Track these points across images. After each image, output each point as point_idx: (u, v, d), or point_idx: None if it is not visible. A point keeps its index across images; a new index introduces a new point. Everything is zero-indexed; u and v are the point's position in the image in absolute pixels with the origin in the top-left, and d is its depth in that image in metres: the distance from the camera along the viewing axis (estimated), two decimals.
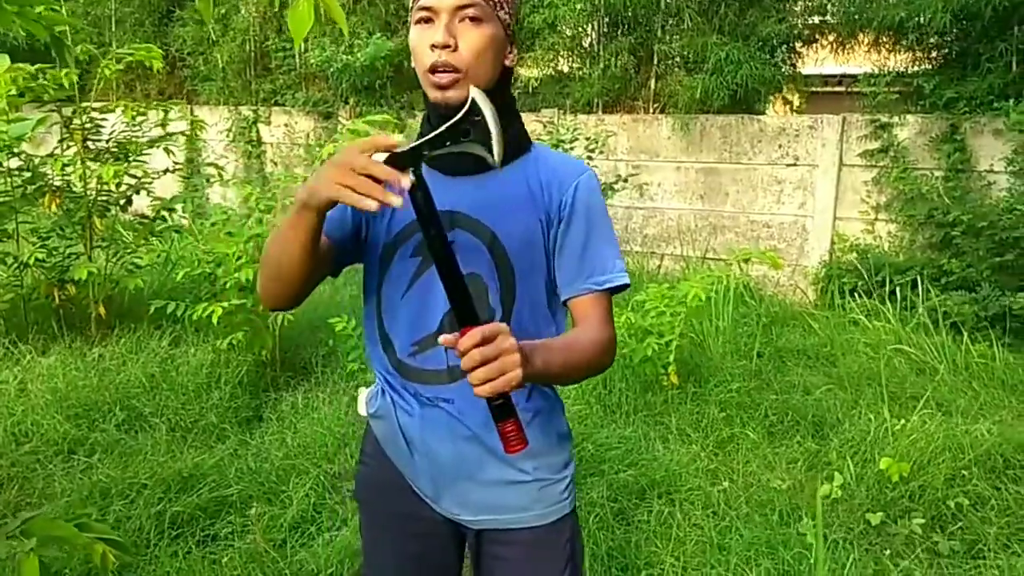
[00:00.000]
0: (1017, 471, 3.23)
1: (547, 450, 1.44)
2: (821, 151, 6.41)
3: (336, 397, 3.94)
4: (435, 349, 1.38)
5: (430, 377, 1.39)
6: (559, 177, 1.39)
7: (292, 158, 8.68)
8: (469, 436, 1.39)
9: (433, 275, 1.32)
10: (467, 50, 1.27)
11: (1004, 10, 5.72)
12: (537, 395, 1.44)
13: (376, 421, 1.51)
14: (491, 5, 1.29)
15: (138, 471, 3.22)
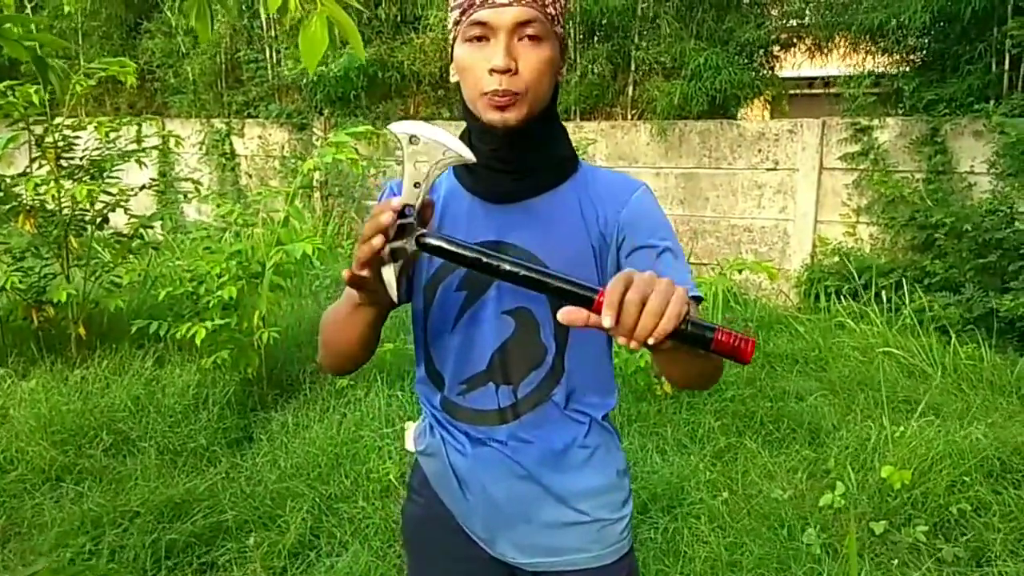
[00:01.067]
0: (1016, 476, 3.23)
1: (606, 488, 1.37)
2: (801, 155, 6.42)
3: (327, 415, 3.86)
4: (484, 389, 1.33)
5: (480, 418, 1.34)
6: (611, 197, 1.30)
7: (267, 170, 8.57)
8: (524, 476, 1.33)
9: (480, 311, 1.30)
10: (528, 73, 1.18)
11: (983, 11, 5.77)
12: (596, 430, 1.36)
13: (426, 458, 1.44)
14: (550, 20, 1.20)
15: (129, 498, 3.14)
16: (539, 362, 1.31)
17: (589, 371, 1.34)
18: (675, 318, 0.89)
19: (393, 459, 3.38)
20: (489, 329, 1.30)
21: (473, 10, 1.17)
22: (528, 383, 1.31)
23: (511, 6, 1.16)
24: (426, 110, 7.97)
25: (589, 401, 1.35)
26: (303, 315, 5.12)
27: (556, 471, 1.33)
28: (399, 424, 3.64)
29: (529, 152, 1.26)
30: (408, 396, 3.92)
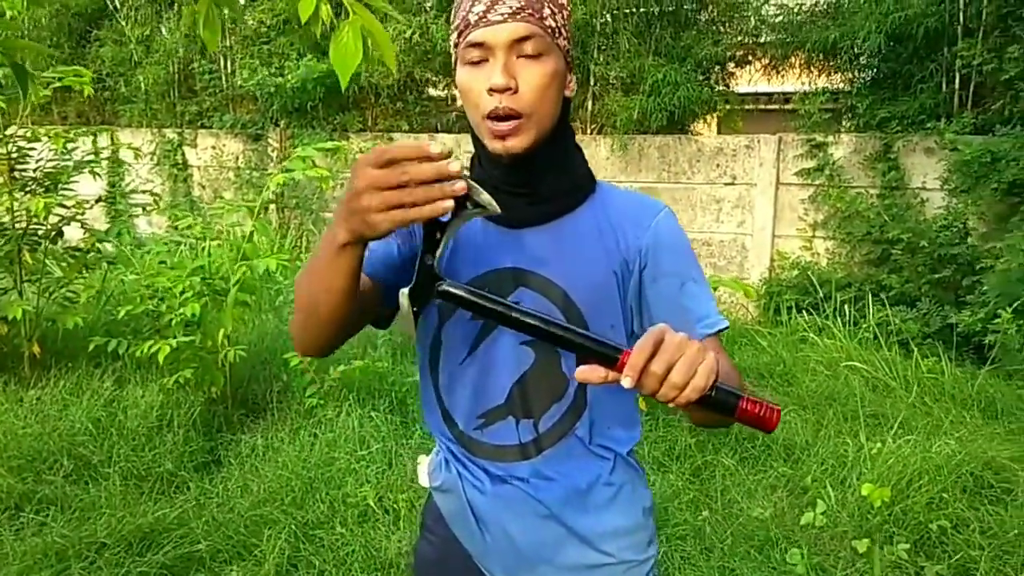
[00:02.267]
0: (992, 491, 3.29)
1: (632, 528, 1.31)
2: (759, 170, 6.52)
3: (297, 437, 3.76)
4: (503, 423, 1.26)
5: (500, 454, 1.27)
6: (633, 220, 1.25)
7: (221, 182, 8.40)
8: (547, 516, 1.26)
9: (498, 340, 1.24)
10: (529, 91, 1.13)
11: (935, 32, 5.93)
12: (621, 466, 1.31)
13: (441, 495, 1.37)
14: (550, 34, 1.15)
15: (95, 528, 3.00)
16: (560, 394, 1.25)
17: (612, 403, 1.28)
18: (699, 391, 0.89)
19: (371, 482, 3.30)
20: (507, 360, 1.24)
21: (469, 31, 1.14)
22: (550, 416, 1.25)
23: (506, 22, 1.12)
24: (384, 122, 7.91)
25: (613, 435, 1.30)
26: (265, 332, 5.00)
27: (580, 511, 1.27)
28: (374, 446, 3.57)
29: (541, 176, 1.21)
30: (383, 417, 3.84)
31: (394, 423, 3.83)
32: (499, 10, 1.12)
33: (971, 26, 5.95)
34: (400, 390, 4.15)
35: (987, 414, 4.33)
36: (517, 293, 1.22)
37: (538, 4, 1.14)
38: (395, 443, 3.64)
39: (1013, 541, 2.92)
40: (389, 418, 3.85)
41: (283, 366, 4.32)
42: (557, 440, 1.26)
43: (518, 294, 1.22)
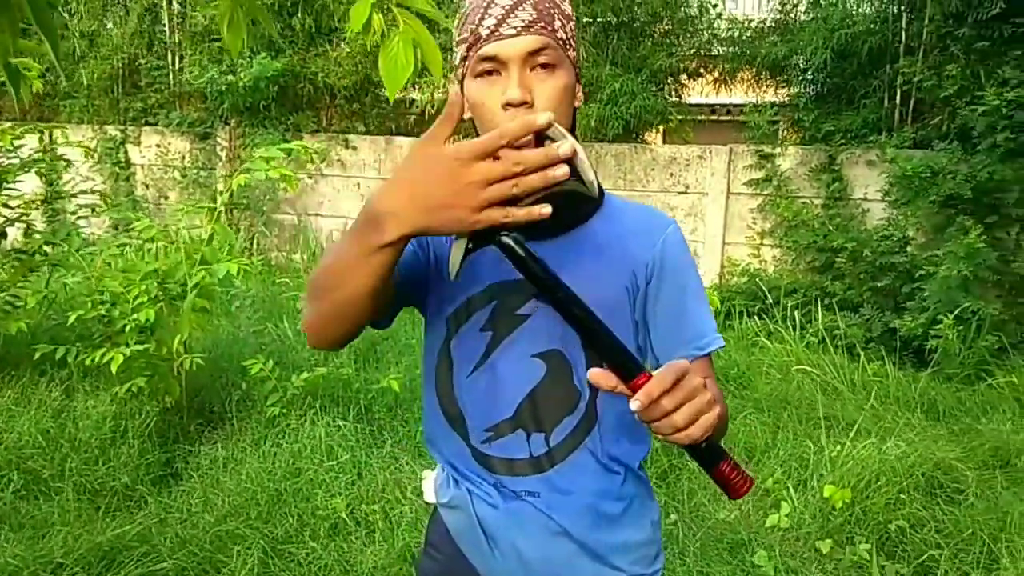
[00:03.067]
0: (946, 492, 3.44)
1: (642, 541, 1.31)
2: (710, 179, 6.66)
3: (260, 447, 3.70)
4: (512, 436, 1.25)
5: (510, 468, 1.26)
6: (642, 233, 1.25)
7: (166, 181, 8.23)
8: (559, 532, 1.25)
9: (508, 352, 1.24)
10: (545, 104, 1.11)
11: (878, 49, 6.15)
12: (631, 479, 1.31)
13: (448, 511, 1.35)
14: (561, 46, 1.15)
15: (50, 546, 2.88)
16: (572, 407, 1.25)
17: (623, 416, 1.27)
18: (692, 439, 0.92)
19: (341, 494, 3.28)
20: (518, 372, 1.23)
21: (480, 44, 1.13)
22: (561, 430, 1.25)
23: (519, 35, 1.11)
24: (340, 123, 7.84)
25: (624, 448, 1.29)
26: (220, 338, 4.92)
27: (592, 526, 1.27)
28: (343, 455, 3.54)
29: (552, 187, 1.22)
30: (351, 426, 3.81)
31: (363, 432, 3.81)
32: (511, 23, 1.12)
33: (912, 44, 6.18)
34: (366, 397, 4.12)
35: (930, 416, 4.51)
36: (529, 305, 1.22)
37: (549, 16, 1.14)
38: (364, 453, 3.62)
39: (969, 539, 3.06)
40: (357, 427, 3.82)
41: (241, 373, 4.26)
42: (568, 453, 1.26)
43: (530, 306, 1.22)
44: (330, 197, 7.95)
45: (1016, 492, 3.41)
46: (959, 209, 5.56)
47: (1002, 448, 3.90)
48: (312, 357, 4.65)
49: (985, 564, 2.96)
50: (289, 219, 8.01)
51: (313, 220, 7.99)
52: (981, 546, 3.03)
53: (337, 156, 7.72)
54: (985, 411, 4.53)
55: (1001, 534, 3.07)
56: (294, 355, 4.70)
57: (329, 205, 7.97)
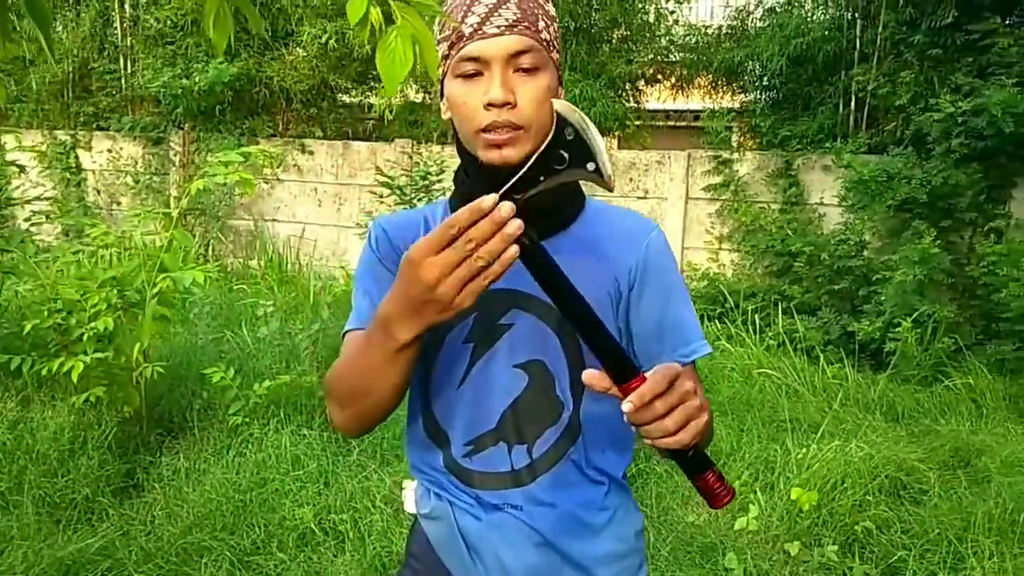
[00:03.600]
0: (910, 492, 3.49)
1: (626, 552, 1.29)
2: (669, 185, 6.72)
3: (223, 457, 3.63)
4: (495, 449, 1.22)
5: (491, 481, 1.23)
6: (626, 240, 1.23)
7: (118, 187, 8.06)
8: (542, 543, 1.22)
9: (490, 364, 1.21)
10: (528, 106, 1.09)
11: (833, 56, 6.26)
12: (614, 490, 1.28)
13: (430, 522, 1.31)
14: (545, 47, 1.12)
15: (11, 562, 2.80)
16: (555, 419, 1.22)
17: (606, 426, 1.24)
18: (680, 445, 0.91)
19: (309, 504, 3.23)
20: (500, 384, 1.20)
21: (463, 43, 1.10)
22: (544, 442, 1.22)
23: (503, 35, 1.09)
24: (296, 128, 7.76)
25: (607, 459, 1.27)
26: (177, 346, 4.81)
27: (576, 537, 1.24)
28: (309, 464, 3.49)
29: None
30: (316, 434, 3.76)
31: (328, 440, 3.75)
32: (495, 22, 1.09)
33: (867, 51, 6.30)
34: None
35: (889, 417, 4.59)
36: (511, 315, 1.20)
37: (533, 16, 1.12)
38: (331, 461, 3.57)
39: (935, 540, 3.10)
40: (323, 435, 3.77)
41: (201, 382, 4.18)
42: (552, 465, 1.23)
43: (512, 316, 1.20)
44: (287, 202, 7.86)
45: (978, 492, 3.47)
46: (914, 213, 5.68)
47: (961, 449, 3.98)
48: (273, 365, 4.57)
49: (952, 564, 3.00)
50: (244, 224, 7.91)
51: (270, 225, 7.90)
52: (947, 546, 3.07)
53: (293, 161, 7.64)
54: (943, 412, 4.62)
55: (966, 534, 3.11)
56: (254, 363, 4.62)
57: (285, 210, 7.89)
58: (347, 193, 7.69)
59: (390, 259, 1.22)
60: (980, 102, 5.16)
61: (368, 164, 7.43)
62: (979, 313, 5.59)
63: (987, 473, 3.69)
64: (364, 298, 1.22)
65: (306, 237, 7.78)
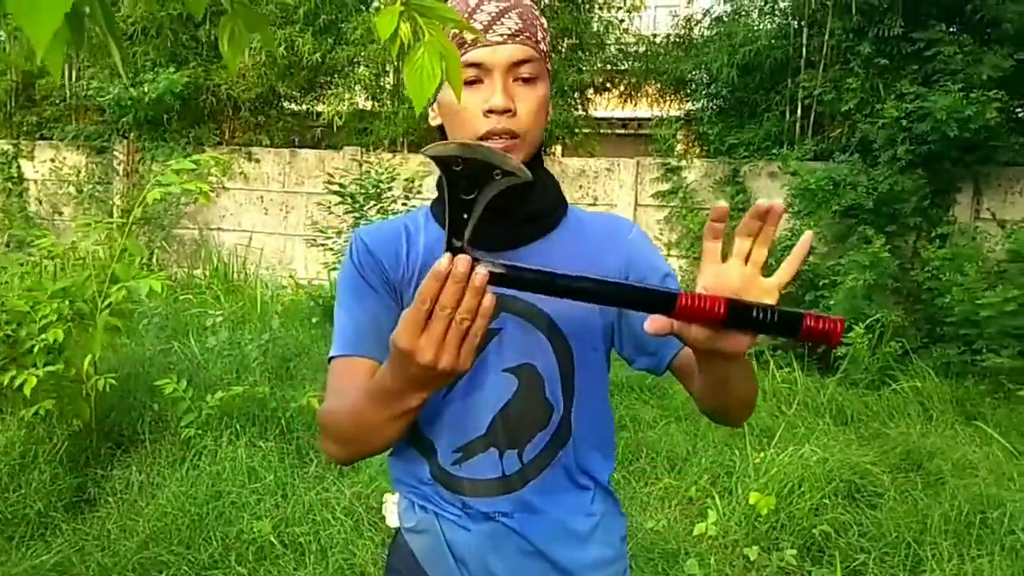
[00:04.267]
0: (866, 495, 3.55)
1: (612, 558, 1.28)
2: (619, 192, 6.77)
3: (177, 469, 3.54)
4: (485, 455, 1.20)
5: (481, 489, 1.21)
6: (607, 240, 1.25)
7: (60, 196, 7.84)
8: (531, 552, 1.21)
9: (479, 370, 1.19)
10: (526, 115, 1.11)
11: (779, 64, 6.38)
12: (600, 495, 1.28)
13: (414, 535, 1.28)
14: (543, 58, 1.14)
15: None
16: (545, 423, 1.21)
17: (594, 428, 1.24)
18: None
19: (268, 516, 3.16)
20: (489, 389, 1.19)
21: (465, 50, 1.10)
22: (534, 446, 1.21)
23: (506, 44, 1.10)
24: (243, 136, 7.64)
25: (594, 463, 1.26)
26: (125, 357, 4.69)
27: (563, 544, 1.23)
28: (266, 477, 3.42)
29: (520, 196, 1.14)
30: (274, 446, 3.69)
31: (285, 452, 3.69)
32: (498, 31, 1.11)
33: (813, 59, 6.43)
34: (284, 416, 3.99)
35: (838, 421, 4.67)
36: (500, 321, 1.18)
37: (533, 28, 1.13)
38: (288, 473, 3.50)
39: (893, 542, 3.15)
40: (279, 447, 3.70)
41: (151, 394, 4.08)
42: (541, 470, 1.22)
43: (500, 320, 1.18)
44: (232, 210, 7.74)
45: (932, 495, 3.53)
46: (860, 219, 5.81)
47: (912, 451, 4.04)
48: (224, 376, 4.49)
49: (911, 567, 3.04)
50: (189, 233, 7.76)
51: (215, 234, 7.76)
52: (906, 549, 3.11)
53: (240, 169, 7.52)
54: (891, 416, 4.71)
55: (923, 537, 3.16)
56: (205, 374, 4.53)
57: (231, 219, 7.76)
58: (294, 201, 7.61)
59: (372, 272, 1.21)
60: (925, 107, 5.30)
61: (316, 172, 7.36)
62: (924, 317, 5.73)
63: (940, 476, 3.76)
64: (349, 321, 1.20)
65: (252, 246, 7.66)
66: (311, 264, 7.38)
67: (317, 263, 7.02)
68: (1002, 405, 4.81)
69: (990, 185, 5.95)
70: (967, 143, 5.50)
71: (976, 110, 5.24)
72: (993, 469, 3.87)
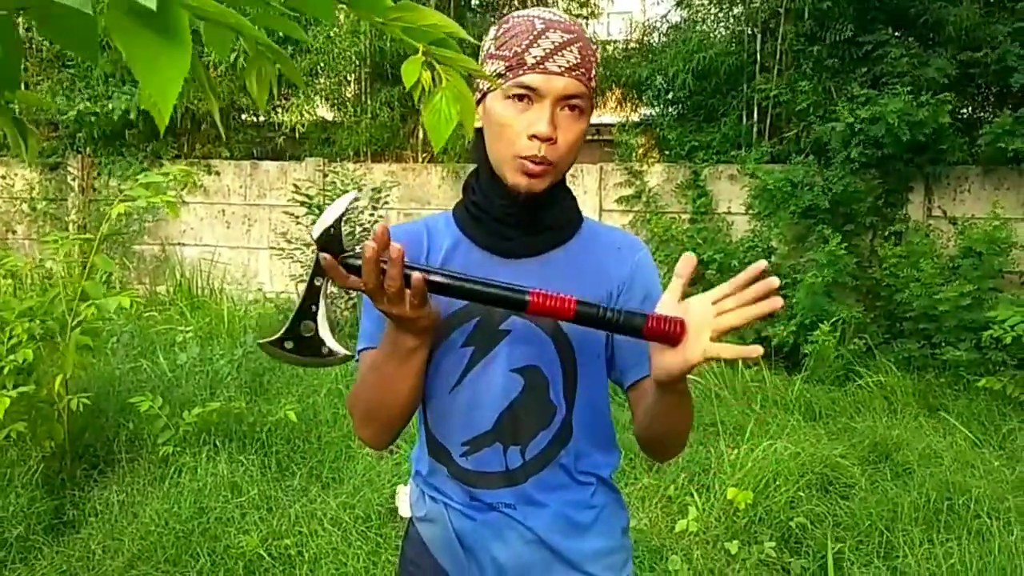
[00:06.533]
0: (838, 488, 3.65)
1: (613, 548, 1.35)
2: (583, 198, 6.84)
3: (157, 487, 3.51)
4: (490, 449, 1.27)
5: (486, 481, 1.28)
6: (617, 254, 1.32)
7: (13, 214, 7.68)
8: (533, 540, 1.28)
9: (489, 368, 1.26)
10: (565, 145, 1.18)
11: (735, 68, 6.52)
12: (601, 490, 1.34)
13: (425, 524, 1.35)
14: (590, 95, 1.21)
15: None
16: (548, 422, 1.28)
17: (594, 430, 1.32)
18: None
19: (254, 530, 3.15)
20: (497, 387, 1.26)
21: (522, 71, 1.16)
22: (536, 444, 1.28)
23: (562, 76, 1.15)
24: (202, 149, 7.56)
25: (595, 460, 1.33)
26: (96, 375, 4.61)
27: (565, 535, 1.30)
28: (250, 491, 3.40)
29: (541, 211, 1.25)
30: (255, 460, 3.66)
31: (267, 465, 3.67)
32: (558, 61, 1.16)
33: (767, 64, 6.58)
34: (263, 430, 3.97)
35: (807, 416, 4.78)
36: (509, 321, 1.25)
37: (589, 64, 1.19)
38: (271, 486, 3.49)
39: (867, 531, 3.26)
40: (261, 460, 3.69)
41: (124, 412, 4.03)
42: (543, 467, 1.29)
43: (510, 322, 1.25)
44: (193, 225, 7.64)
45: (902, 484, 3.66)
46: (818, 219, 5.95)
47: (880, 444, 4.17)
48: (196, 392, 4.45)
49: (884, 553, 3.16)
50: (148, 249, 7.65)
51: (176, 250, 7.66)
52: (879, 536, 3.24)
53: (200, 182, 7.43)
54: (857, 410, 4.85)
55: (895, 524, 3.29)
56: (178, 391, 4.48)
57: (192, 233, 7.67)
58: (257, 214, 7.54)
59: None
60: (877, 110, 5.46)
61: (278, 184, 7.31)
62: (883, 313, 5.89)
63: (907, 466, 3.89)
64: (369, 321, 1.29)
65: (215, 260, 7.57)
66: (276, 277, 7.32)
67: (284, 276, 6.97)
68: (962, 396, 4.97)
69: (940, 184, 6.14)
70: (918, 144, 5.67)
71: (927, 113, 5.42)
72: (957, 457, 4.02)
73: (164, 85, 0.55)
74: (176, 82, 0.56)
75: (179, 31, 0.56)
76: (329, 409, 4.45)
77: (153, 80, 0.55)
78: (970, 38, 6.04)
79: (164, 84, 0.55)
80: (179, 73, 0.56)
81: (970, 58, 5.95)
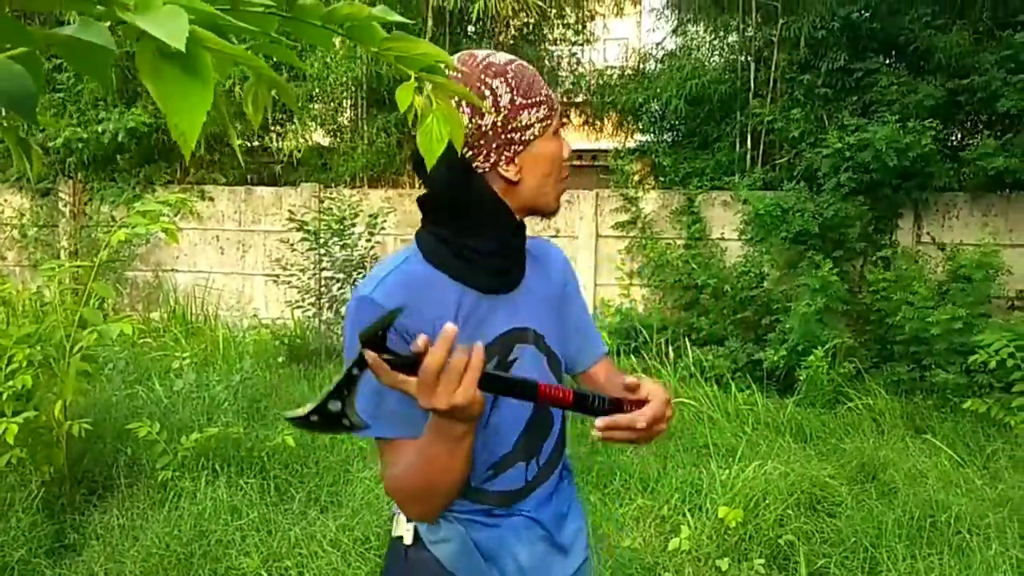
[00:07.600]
0: (826, 506, 3.71)
1: (583, 525, 1.47)
2: (579, 224, 6.91)
3: (158, 511, 3.52)
4: (513, 468, 1.32)
5: (507, 498, 1.33)
6: (556, 267, 1.47)
7: (3, 241, 7.70)
8: (544, 536, 1.36)
9: (505, 399, 1.28)
10: None
11: (728, 95, 6.62)
12: (567, 477, 1.47)
13: (441, 546, 1.34)
14: None
15: None
16: (551, 433, 1.38)
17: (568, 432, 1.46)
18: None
19: (255, 552, 3.16)
20: (515, 412, 1.31)
21: (558, 108, 1.31)
22: (544, 453, 1.37)
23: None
24: (196, 174, 7.61)
25: (565, 455, 1.47)
26: (96, 401, 4.63)
27: (559, 526, 1.40)
28: (250, 514, 3.42)
29: (521, 237, 1.35)
30: (255, 483, 3.68)
31: (265, 489, 3.69)
32: (555, 97, 1.31)
33: (761, 92, 6.69)
34: (261, 455, 4.00)
35: (798, 438, 4.83)
36: (516, 350, 1.31)
37: None
38: (271, 510, 3.51)
39: (852, 547, 3.34)
40: (260, 484, 3.71)
41: (121, 438, 4.05)
42: (551, 472, 1.39)
43: (517, 350, 1.31)
44: (186, 251, 7.66)
45: (886, 503, 3.73)
46: (808, 245, 6.02)
47: (867, 464, 4.23)
48: (193, 418, 4.47)
49: (869, 569, 3.23)
50: (142, 276, 7.67)
51: (170, 276, 7.68)
52: (864, 553, 3.31)
53: (193, 208, 7.47)
54: (847, 432, 4.89)
55: (880, 541, 3.36)
56: (175, 417, 4.50)
57: (185, 259, 7.69)
58: (251, 240, 7.57)
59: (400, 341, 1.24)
60: (866, 137, 5.56)
61: (273, 209, 7.35)
62: (874, 338, 5.94)
63: (893, 485, 3.96)
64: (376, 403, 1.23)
65: (209, 286, 7.60)
66: (272, 303, 7.35)
67: (279, 302, 7.00)
68: (948, 418, 5.03)
69: (929, 210, 6.23)
70: (906, 171, 5.76)
71: (912, 139, 5.52)
72: (941, 477, 4.10)
73: (190, 117, 0.60)
74: (201, 114, 0.61)
75: (202, 69, 0.62)
76: (327, 434, 4.47)
77: (180, 113, 0.60)
78: (959, 66, 6.15)
79: (190, 116, 0.60)
80: (203, 106, 0.62)
81: (958, 85, 6.06)
